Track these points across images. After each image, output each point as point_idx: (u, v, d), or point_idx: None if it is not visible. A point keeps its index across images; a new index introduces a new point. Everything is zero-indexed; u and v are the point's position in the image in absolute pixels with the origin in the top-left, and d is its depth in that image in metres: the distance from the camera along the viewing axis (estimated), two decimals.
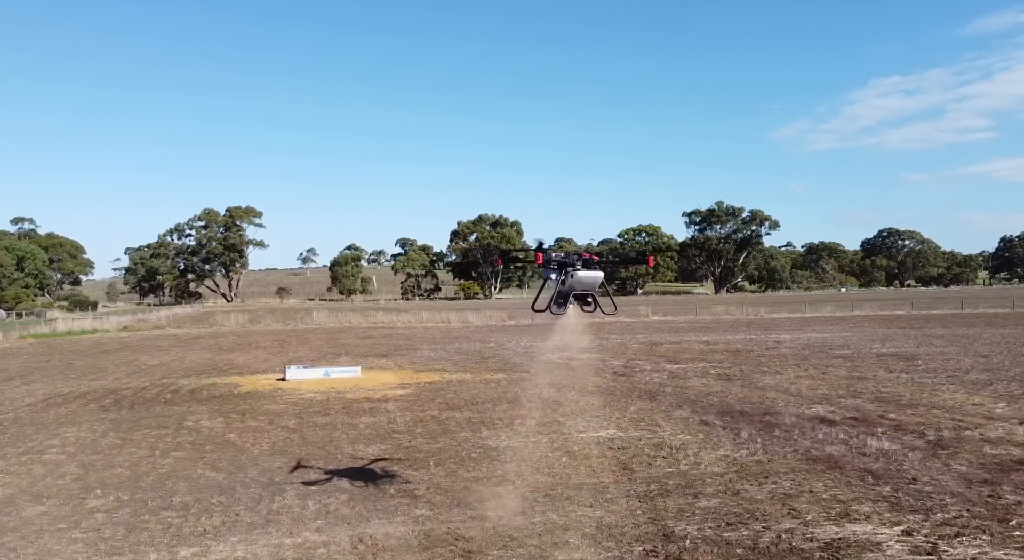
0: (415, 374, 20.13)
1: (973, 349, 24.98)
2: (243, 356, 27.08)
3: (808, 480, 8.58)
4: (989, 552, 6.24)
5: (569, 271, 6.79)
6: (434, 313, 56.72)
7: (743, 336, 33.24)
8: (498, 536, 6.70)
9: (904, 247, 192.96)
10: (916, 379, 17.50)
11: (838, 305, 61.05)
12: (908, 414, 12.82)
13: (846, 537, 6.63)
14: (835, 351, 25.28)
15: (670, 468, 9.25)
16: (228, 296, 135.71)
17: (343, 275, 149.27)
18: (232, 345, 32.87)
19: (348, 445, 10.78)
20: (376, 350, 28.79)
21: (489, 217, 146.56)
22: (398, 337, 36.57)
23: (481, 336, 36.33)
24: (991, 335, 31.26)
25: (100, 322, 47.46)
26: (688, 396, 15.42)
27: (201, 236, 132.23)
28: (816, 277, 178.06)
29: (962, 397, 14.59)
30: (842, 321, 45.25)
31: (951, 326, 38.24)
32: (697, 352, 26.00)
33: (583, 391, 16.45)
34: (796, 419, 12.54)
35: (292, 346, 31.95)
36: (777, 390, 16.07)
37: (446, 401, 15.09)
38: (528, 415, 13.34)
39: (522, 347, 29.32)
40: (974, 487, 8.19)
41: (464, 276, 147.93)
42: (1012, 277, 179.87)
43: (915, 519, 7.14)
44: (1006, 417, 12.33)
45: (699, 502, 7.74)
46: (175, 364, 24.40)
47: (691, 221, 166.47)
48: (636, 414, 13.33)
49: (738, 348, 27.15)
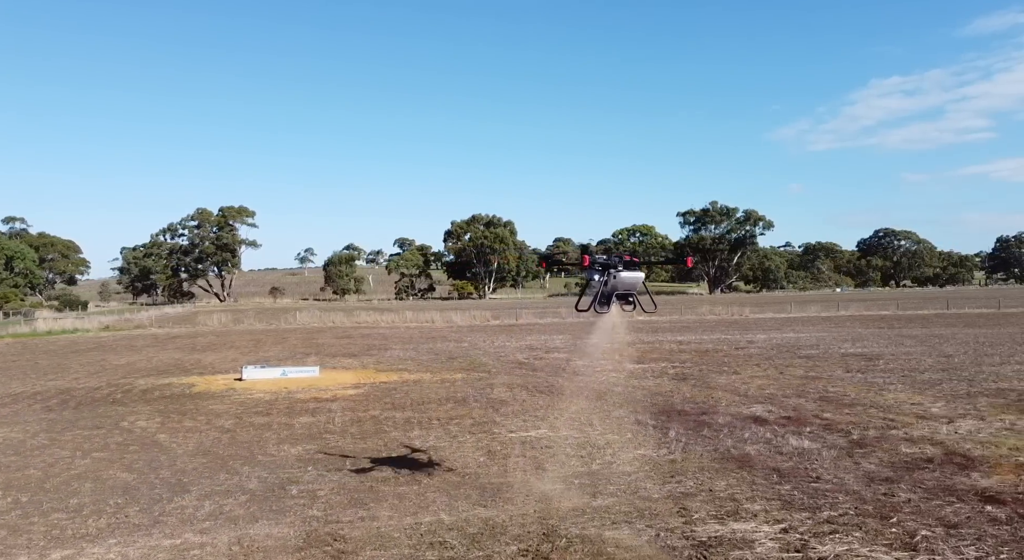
0: (375, 374, 20.16)
1: (940, 349, 25.05)
2: (213, 356, 27.10)
3: (713, 479, 8.62)
4: (856, 548, 6.29)
5: (612, 272, 7.10)
6: (419, 313, 56.79)
7: (719, 336, 33.29)
8: (378, 536, 6.73)
9: (900, 247, 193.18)
10: (869, 379, 17.55)
11: (824, 305, 61.13)
12: (843, 413, 12.86)
13: (723, 536, 6.67)
14: (802, 351, 25.34)
15: (582, 468, 9.28)
16: (221, 296, 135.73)
17: (337, 275, 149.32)
18: (206, 345, 32.89)
19: (274, 446, 10.81)
20: (348, 350, 28.82)
21: (483, 217, 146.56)
22: (376, 337, 36.60)
23: (459, 336, 36.37)
24: (965, 335, 31.33)
25: (82, 322, 47.45)
26: (635, 396, 15.46)
27: (194, 236, 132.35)
28: (812, 277, 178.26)
29: (904, 396, 14.63)
30: (824, 321, 45.33)
31: (931, 326, 38.31)
32: (665, 352, 26.04)
33: (534, 390, 16.49)
34: (731, 419, 12.58)
35: (266, 346, 31.97)
36: (726, 390, 16.12)
37: (392, 401, 15.13)
38: (468, 415, 13.38)
39: (494, 347, 29.35)
40: (873, 485, 8.24)
41: (459, 276, 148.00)
42: (1009, 277, 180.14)
43: (800, 517, 7.18)
44: (937, 416, 12.38)
45: (594, 501, 7.78)
46: (141, 364, 24.42)
47: (685, 221, 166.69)
48: (575, 414, 13.36)
49: (708, 348, 27.20)
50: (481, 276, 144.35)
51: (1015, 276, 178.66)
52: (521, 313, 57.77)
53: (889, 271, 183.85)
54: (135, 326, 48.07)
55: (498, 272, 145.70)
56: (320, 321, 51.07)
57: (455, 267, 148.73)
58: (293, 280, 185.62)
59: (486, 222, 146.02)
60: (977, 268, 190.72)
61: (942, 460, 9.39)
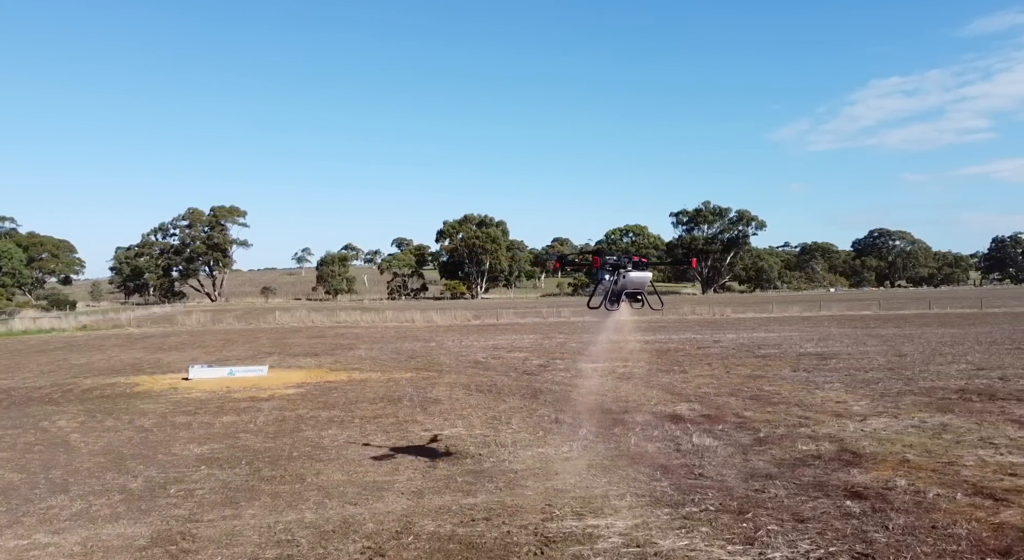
0: (324, 373, 20.19)
1: (899, 348, 25.10)
2: (176, 355, 27.10)
3: (596, 477, 8.67)
4: (696, 544, 6.34)
5: (622, 272, 7.57)
6: (401, 312, 56.81)
7: (688, 336, 33.32)
8: (229, 535, 6.77)
9: (895, 248, 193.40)
10: (811, 378, 17.59)
11: (807, 305, 61.21)
12: (764, 412, 12.91)
13: (574, 531, 6.71)
14: (761, 350, 25.39)
15: (475, 466, 9.33)
16: (213, 296, 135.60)
17: (329, 275, 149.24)
18: (175, 344, 32.89)
19: (181, 445, 10.83)
20: (312, 350, 28.84)
21: (475, 217, 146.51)
22: (349, 337, 36.61)
23: (432, 336, 36.39)
24: (933, 334, 31.40)
25: (59, 322, 47.43)
26: (567, 396, 15.51)
27: (184, 235, 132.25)
28: (806, 278, 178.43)
29: (834, 395, 14.68)
30: (802, 321, 45.41)
31: (905, 326, 38.40)
32: (626, 351, 26.07)
33: (473, 390, 16.52)
34: (651, 417, 12.63)
35: (235, 345, 31.97)
36: (663, 389, 16.15)
37: (326, 401, 15.15)
38: (393, 414, 13.42)
39: (461, 346, 29.38)
40: (750, 481, 8.29)
41: (451, 276, 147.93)
42: (1004, 278, 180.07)
43: (661, 513, 7.23)
44: (854, 414, 12.43)
45: (465, 499, 7.82)
46: (100, 363, 24.44)
47: (678, 221, 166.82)
48: (500, 412, 13.41)
49: (671, 347, 27.24)
50: (473, 276, 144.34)
51: (1011, 276, 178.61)
52: (503, 313, 57.83)
53: (884, 271, 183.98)
54: (113, 326, 48.05)
55: (490, 272, 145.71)
56: (300, 321, 51.05)
57: (448, 267, 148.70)
58: (290, 280, 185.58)
59: (478, 222, 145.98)
60: (973, 268, 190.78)
61: (831, 457, 9.44)
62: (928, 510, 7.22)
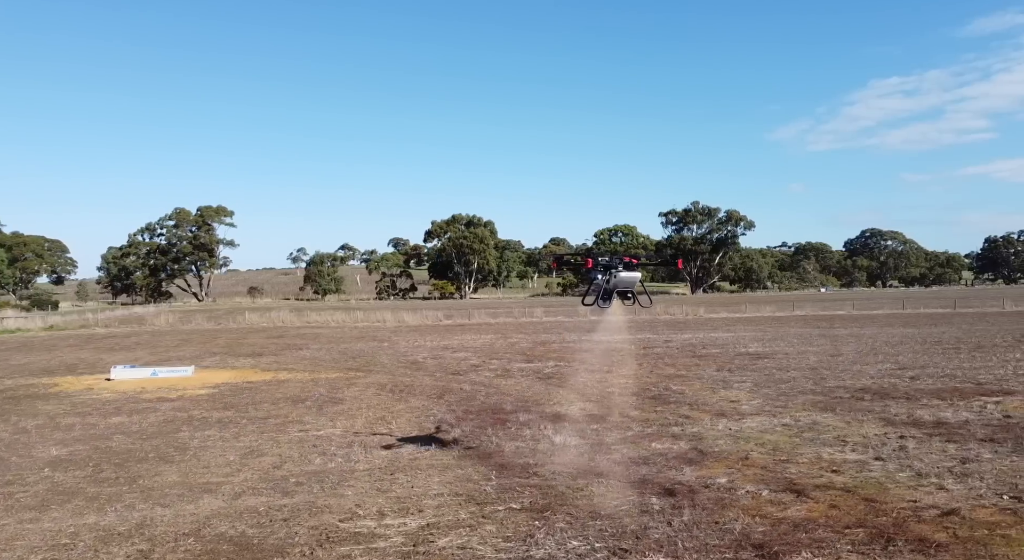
0: (250, 374, 20.19)
1: (838, 349, 25.16)
2: (121, 356, 27.03)
3: (431, 476, 8.68)
4: (471, 543, 6.35)
5: (613, 272, 8.00)
6: (372, 313, 56.78)
7: (643, 336, 33.36)
8: (11, 538, 6.78)
9: (886, 248, 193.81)
10: (728, 377, 17.64)
11: (779, 306, 61.30)
12: (652, 411, 12.94)
13: (361, 532, 6.72)
14: (703, 350, 25.44)
15: (320, 466, 9.33)
16: (200, 295, 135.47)
17: (318, 275, 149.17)
18: (129, 345, 32.86)
19: (44, 447, 10.81)
20: (261, 350, 28.83)
21: (463, 217, 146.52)
22: (308, 337, 36.58)
23: (390, 336, 36.38)
24: (886, 334, 31.49)
25: (26, 321, 47.38)
26: (475, 395, 15.53)
27: (171, 235, 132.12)
28: (798, 278, 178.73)
29: (734, 395, 14.71)
30: (770, 321, 45.53)
31: (867, 326, 38.52)
32: (567, 351, 26.14)
33: (385, 389, 16.54)
34: (535, 417, 12.64)
35: (189, 346, 31.92)
36: (572, 389, 16.19)
37: (230, 402, 15.15)
38: (284, 414, 13.43)
39: (412, 347, 29.39)
40: (578, 479, 8.31)
41: (441, 276, 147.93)
42: (997, 278, 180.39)
43: (464, 512, 7.24)
44: (738, 413, 12.46)
45: (281, 500, 7.83)
46: (39, 364, 24.41)
47: (667, 221, 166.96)
48: (392, 413, 13.42)
49: (615, 348, 27.25)
50: (462, 276, 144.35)
51: (1004, 277, 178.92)
52: (477, 313, 57.83)
53: (875, 271, 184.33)
54: (81, 326, 47.99)
55: (479, 272, 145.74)
56: (270, 321, 51.00)
57: (437, 267, 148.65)
58: (284, 280, 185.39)
59: (466, 222, 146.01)
60: (965, 268, 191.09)
61: (676, 455, 9.48)
62: (724, 506, 7.26)
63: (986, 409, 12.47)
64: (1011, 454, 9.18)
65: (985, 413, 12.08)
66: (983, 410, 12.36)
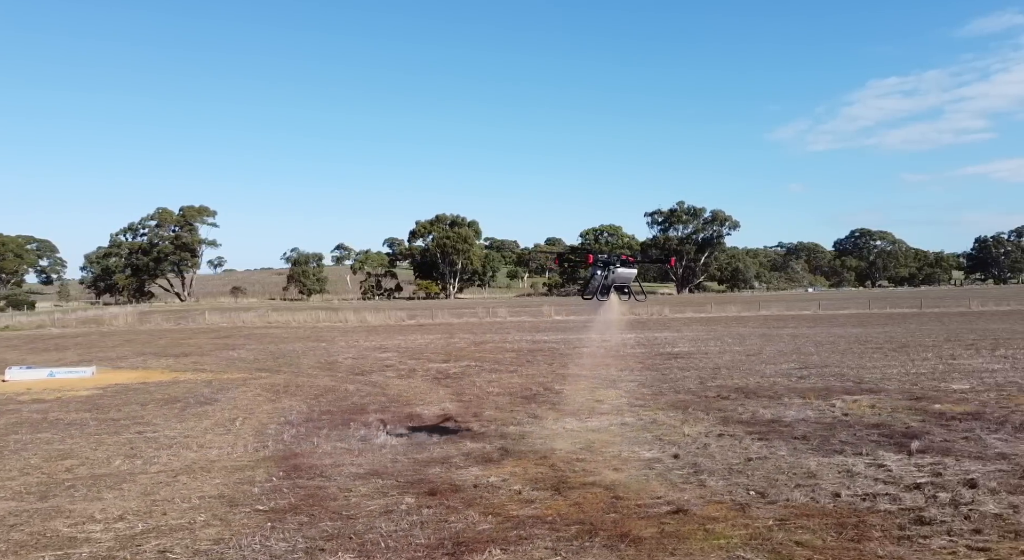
0: (155, 374, 20.12)
1: (763, 348, 25.23)
2: (46, 356, 26.93)
3: (216, 478, 8.61)
4: (173, 546, 6.30)
5: (611, 268, 8.75)
6: (337, 313, 56.68)
7: (583, 336, 33.33)
8: None
9: (875, 247, 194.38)
10: (620, 377, 17.54)
11: (745, 305, 61.46)
12: (511, 411, 12.91)
13: (76, 536, 6.64)
14: (628, 350, 25.37)
15: (115, 469, 9.28)
16: (182, 295, 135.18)
17: (302, 275, 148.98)
18: (66, 345, 32.74)
19: None
20: (192, 350, 28.76)
21: (447, 217, 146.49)
22: (253, 337, 36.49)
23: (335, 336, 36.30)
24: (824, 335, 31.54)
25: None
26: (352, 396, 15.48)
27: (152, 235, 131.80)
28: (787, 278, 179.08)
29: (606, 394, 14.64)
30: (725, 321, 45.63)
31: (818, 326, 38.67)
32: (491, 351, 26.12)
33: (271, 390, 16.49)
34: (389, 417, 12.60)
35: (129, 346, 31.81)
36: (450, 389, 16.13)
37: (105, 403, 15.04)
38: (147, 416, 13.34)
39: (346, 347, 29.32)
40: (355, 481, 8.25)
41: (426, 276, 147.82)
42: (987, 278, 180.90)
43: (205, 515, 7.16)
44: (587, 412, 12.43)
45: (28, 505, 7.78)
46: None
47: (653, 221, 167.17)
48: (254, 413, 13.37)
49: (545, 348, 27.23)
50: (447, 276, 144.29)
51: (994, 276, 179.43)
52: (441, 313, 57.79)
53: (864, 271, 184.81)
54: (37, 326, 47.85)
55: (463, 272, 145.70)
56: (229, 321, 50.93)
57: (422, 267, 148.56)
58: (279, 279, 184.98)
59: (450, 222, 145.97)
60: (955, 268, 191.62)
61: (481, 454, 9.45)
62: (469, 505, 7.23)
63: (833, 408, 12.48)
64: (804, 452, 9.18)
65: (827, 412, 12.09)
66: (830, 409, 12.37)
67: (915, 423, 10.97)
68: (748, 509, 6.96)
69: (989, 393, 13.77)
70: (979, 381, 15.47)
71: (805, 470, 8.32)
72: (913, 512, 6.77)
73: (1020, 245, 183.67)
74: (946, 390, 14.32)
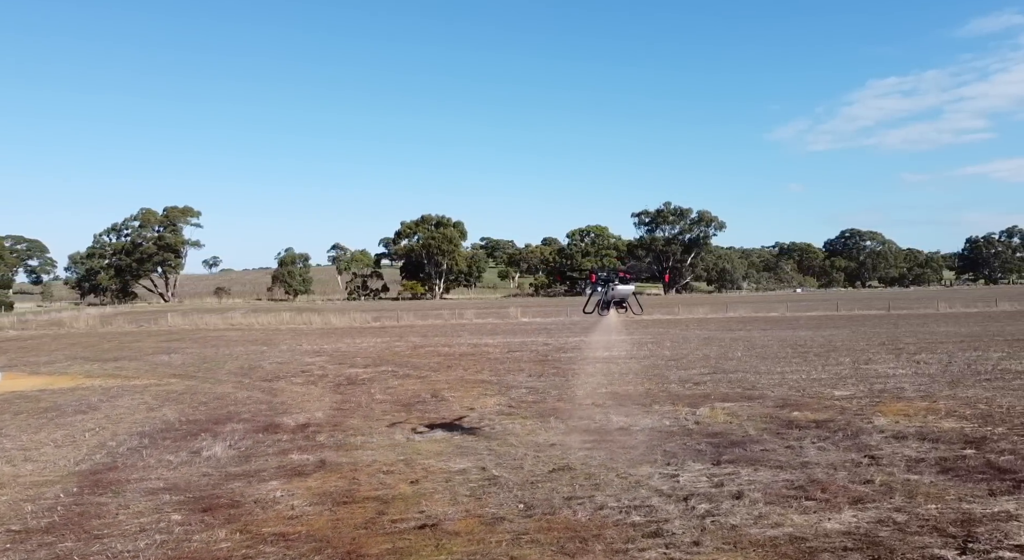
0: (61, 380, 19.99)
1: (692, 352, 25.20)
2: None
3: (8, 493, 8.57)
4: None
5: (611, 285, 9.59)
6: (296, 314, 56.50)
7: (531, 339, 33.25)
8: None
9: (865, 248, 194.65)
10: (523, 382, 17.48)
11: (713, 307, 61.51)
12: (374, 420, 12.84)
13: None
14: (556, 354, 25.33)
15: None
16: (166, 296, 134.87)
17: (288, 275, 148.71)
18: (11, 348, 32.58)
19: None
20: (126, 354, 28.62)
21: (432, 217, 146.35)
22: (200, 340, 36.32)
23: (284, 338, 36.16)
24: (763, 338, 31.52)
25: None
26: (236, 403, 15.41)
27: (136, 235, 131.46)
28: (776, 278, 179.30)
29: (487, 402, 14.62)
30: (684, 323, 45.63)
31: (774, 328, 38.69)
32: (423, 355, 26.02)
33: (162, 397, 16.41)
34: (251, 427, 12.51)
35: (72, 349, 31.62)
36: (343, 398, 16.05)
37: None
38: (11, 425, 13.28)
39: (286, 350, 29.21)
40: (146, 497, 8.21)
41: (413, 276, 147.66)
42: (978, 278, 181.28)
43: None
44: (454, 417, 12.39)
45: None
46: None
47: (640, 222, 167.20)
48: (123, 423, 13.27)
49: (479, 352, 27.14)
50: (432, 277, 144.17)
51: (985, 276, 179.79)
52: (406, 315, 57.70)
53: (854, 272, 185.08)
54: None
55: (449, 273, 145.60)
56: (191, 323, 50.72)
57: (409, 267, 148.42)
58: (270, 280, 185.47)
59: (435, 222, 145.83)
60: (946, 268, 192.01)
61: (293, 467, 9.38)
62: (229, 521, 7.15)
63: (695, 414, 12.46)
64: (618, 463, 9.10)
65: (682, 420, 12.04)
66: (688, 417, 12.32)
67: (755, 432, 10.94)
68: (499, 524, 6.91)
69: (861, 400, 13.75)
70: (865, 387, 15.45)
71: (596, 482, 8.28)
72: (655, 524, 6.73)
73: (1011, 245, 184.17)
74: (823, 397, 14.29)
